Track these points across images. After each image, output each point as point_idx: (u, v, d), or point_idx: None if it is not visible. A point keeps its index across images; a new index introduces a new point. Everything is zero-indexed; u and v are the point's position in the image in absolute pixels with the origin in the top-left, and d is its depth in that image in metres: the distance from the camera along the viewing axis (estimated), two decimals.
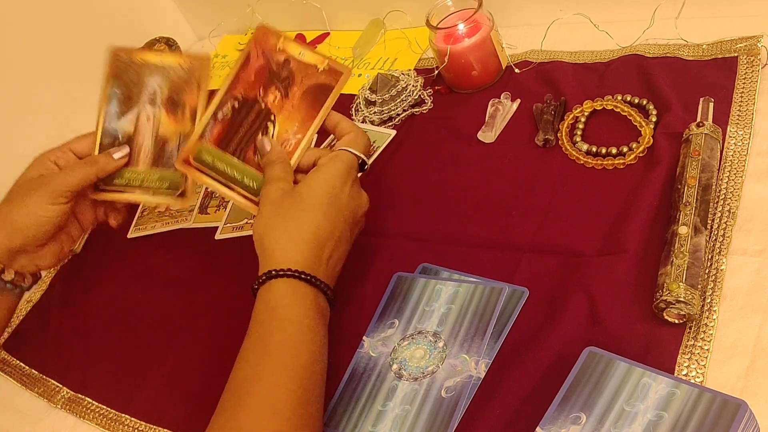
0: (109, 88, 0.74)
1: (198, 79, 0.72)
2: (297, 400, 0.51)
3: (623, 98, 0.71)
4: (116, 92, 0.74)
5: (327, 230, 0.59)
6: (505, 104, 0.77)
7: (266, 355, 0.53)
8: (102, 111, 0.74)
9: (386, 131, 0.82)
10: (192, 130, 0.69)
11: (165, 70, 0.73)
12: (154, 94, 0.73)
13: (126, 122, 0.73)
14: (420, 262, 0.66)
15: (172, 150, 0.71)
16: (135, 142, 0.72)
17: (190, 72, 0.72)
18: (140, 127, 0.72)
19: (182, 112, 0.71)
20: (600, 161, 0.66)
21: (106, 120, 0.73)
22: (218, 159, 0.66)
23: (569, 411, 0.46)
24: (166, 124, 0.72)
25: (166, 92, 0.72)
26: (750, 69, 0.68)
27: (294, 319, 0.55)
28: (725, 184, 0.60)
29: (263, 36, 0.67)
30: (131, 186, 0.72)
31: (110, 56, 0.76)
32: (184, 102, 0.71)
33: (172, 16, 1.21)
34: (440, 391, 0.55)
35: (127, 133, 0.72)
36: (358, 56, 0.97)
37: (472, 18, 0.77)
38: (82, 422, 0.70)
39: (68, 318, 0.82)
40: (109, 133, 0.73)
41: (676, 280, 0.52)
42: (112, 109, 0.73)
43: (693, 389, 0.44)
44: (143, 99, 0.73)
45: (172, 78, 0.72)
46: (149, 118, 0.72)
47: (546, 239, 0.63)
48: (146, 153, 0.72)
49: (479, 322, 0.58)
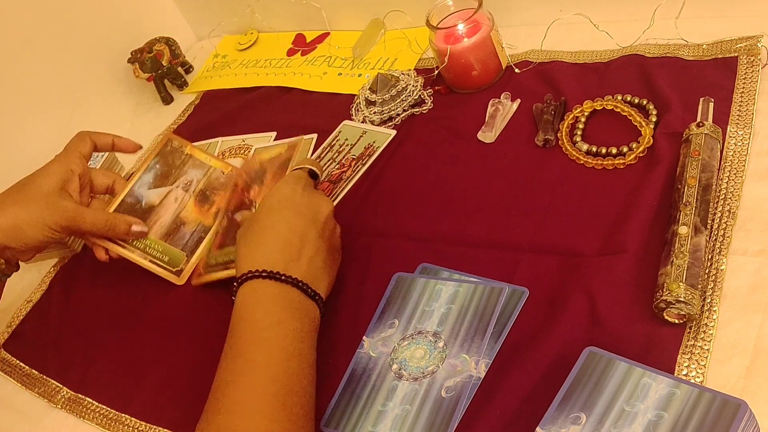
0: (151, 160, 0.81)
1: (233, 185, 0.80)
2: (273, 395, 0.52)
3: (623, 98, 0.71)
4: (157, 167, 0.80)
5: (285, 230, 0.61)
6: (505, 104, 0.77)
7: (239, 356, 0.55)
8: (137, 175, 0.80)
9: (386, 131, 0.82)
10: (212, 224, 0.78)
11: (208, 168, 0.81)
12: (189, 183, 0.80)
13: (154, 194, 0.79)
14: (420, 262, 0.66)
15: (186, 233, 0.77)
16: (155, 213, 0.78)
17: (229, 179, 0.80)
18: (165, 203, 0.78)
19: (209, 207, 0.79)
20: (600, 161, 0.66)
21: (137, 184, 0.79)
22: (222, 255, 0.73)
23: (569, 411, 0.46)
24: (191, 210, 0.79)
25: (201, 186, 0.80)
26: (750, 69, 0.68)
27: (259, 317, 0.57)
28: (725, 184, 0.60)
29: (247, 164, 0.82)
30: (134, 246, 0.77)
31: (164, 138, 0.83)
32: (214, 200, 0.79)
33: (172, 16, 1.21)
34: (440, 391, 0.55)
35: (151, 203, 0.78)
36: (358, 56, 0.97)
37: (472, 18, 0.77)
38: (82, 422, 0.70)
39: (68, 318, 0.82)
40: (135, 195, 0.78)
41: (676, 280, 0.52)
42: (147, 178, 0.79)
43: (693, 389, 0.44)
44: (179, 183, 0.80)
45: (210, 177, 0.81)
46: (177, 200, 0.79)
47: (546, 239, 0.63)
48: (161, 225, 0.78)
49: (479, 322, 0.58)
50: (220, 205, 0.79)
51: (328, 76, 0.97)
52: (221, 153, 0.93)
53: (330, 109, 0.91)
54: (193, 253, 0.77)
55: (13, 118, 1.00)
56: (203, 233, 0.78)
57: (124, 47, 1.10)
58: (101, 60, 1.11)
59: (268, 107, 0.98)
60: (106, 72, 1.11)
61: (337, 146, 0.84)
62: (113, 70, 1.12)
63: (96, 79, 1.11)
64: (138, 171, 0.80)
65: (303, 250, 0.61)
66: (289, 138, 0.83)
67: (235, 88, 1.05)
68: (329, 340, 0.64)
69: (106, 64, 1.11)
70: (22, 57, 1.00)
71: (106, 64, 1.11)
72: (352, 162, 0.81)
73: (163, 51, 1.08)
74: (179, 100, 1.12)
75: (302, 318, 0.58)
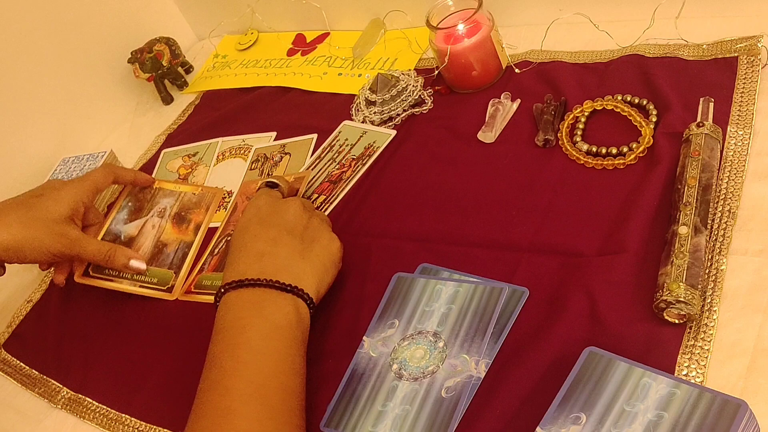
0: (123, 200, 0.85)
1: (208, 204, 0.84)
2: (250, 396, 0.53)
3: (623, 98, 0.71)
4: (129, 205, 0.84)
5: (254, 242, 0.63)
6: (505, 104, 0.77)
7: (214, 365, 0.56)
8: (112, 215, 0.84)
9: (387, 131, 0.82)
10: (193, 240, 0.80)
11: (179, 194, 0.85)
12: (163, 210, 0.83)
13: (131, 227, 0.82)
14: (420, 262, 0.66)
15: (170, 253, 0.79)
16: (135, 242, 0.81)
17: (201, 197, 0.85)
18: (144, 231, 0.82)
19: (187, 226, 0.82)
20: (600, 161, 0.66)
21: (112, 223, 0.83)
22: (216, 279, 0.75)
23: (569, 411, 0.46)
24: (170, 232, 0.82)
25: (175, 210, 0.84)
26: (750, 69, 0.67)
27: (227, 324, 0.58)
28: (725, 184, 0.60)
29: (245, 187, 0.84)
30: (121, 277, 0.79)
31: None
32: (191, 219, 0.83)
33: (172, 17, 1.21)
34: (440, 391, 0.55)
35: (129, 235, 0.82)
36: (358, 56, 0.97)
37: (472, 18, 0.77)
38: (82, 422, 0.70)
39: (69, 318, 0.82)
40: (113, 233, 0.82)
41: (676, 280, 0.52)
42: (121, 217, 0.83)
43: (693, 389, 0.44)
44: (153, 212, 0.83)
45: (183, 200, 0.85)
46: (154, 227, 0.82)
47: (546, 239, 0.63)
48: (143, 252, 0.80)
49: (479, 322, 0.58)
50: (198, 221, 0.82)
51: (329, 76, 0.97)
52: (221, 153, 0.93)
53: (330, 110, 0.91)
54: (180, 268, 0.78)
55: (13, 118, 1.00)
56: (186, 249, 0.80)
57: (124, 47, 1.10)
58: (101, 60, 1.11)
59: (269, 107, 0.98)
60: (106, 72, 1.11)
61: (337, 146, 0.84)
62: (113, 70, 1.12)
63: (96, 79, 1.11)
64: (111, 212, 0.84)
65: (276, 253, 0.62)
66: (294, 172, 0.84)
67: (236, 88, 1.05)
68: (329, 340, 0.64)
69: (106, 64, 1.11)
70: (22, 57, 1.00)
71: (106, 64, 1.11)
72: (352, 162, 0.81)
73: (163, 51, 1.08)
74: (179, 100, 1.12)
75: (274, 315, 0.58)
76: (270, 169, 0.86)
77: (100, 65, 1.11)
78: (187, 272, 0.78)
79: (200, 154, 0.95)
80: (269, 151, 0.89)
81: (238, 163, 0.90)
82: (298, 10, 1.04)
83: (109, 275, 0.79)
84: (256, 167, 0.88)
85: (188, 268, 0.78)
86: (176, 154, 0.98)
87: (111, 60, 1.11)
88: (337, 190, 0.79)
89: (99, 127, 1.12)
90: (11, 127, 1.00)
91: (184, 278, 0.77)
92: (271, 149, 0.89)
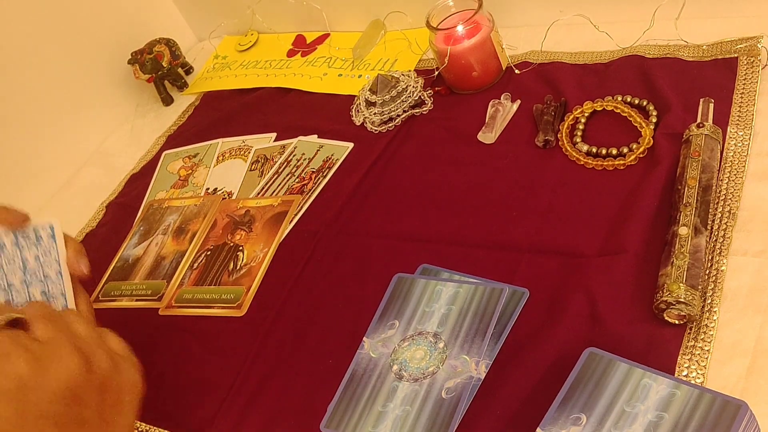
0: (136, 227, 0.88)
1: (206, 212, 0.84)
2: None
3: (623, 99, 0.71)
4: (141, 230, 0.87)
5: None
6: (505, 105, 0.77)
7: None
8: (126, 242, 0.86)
9: (344, 144, 0.84)
10: (188, 248, 0.80)
11: (183, 208, 0.87)
12: (167, 228, 0.85)
13: (139, 249, 0.84)
14: (420, 263, 0.66)
15: (166, 264, 0.80)
16: (140, 262, 0.82)
17: (200, 207, 0.85)
18: (149, 251, 0.83)
19: (184, 237, 0.82)
20: (600, 162, 0.66)
21: (125, 249, 0.85)
22: (197, 293, 0.75)
23: (570, 412, 0.46)
24: (169, 245, 0.82)
25: (178, 224, 0.85)
26: (750, 70, 0.68)
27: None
28: (725, 185, 0.60)
29: (225, 204, 0.84)
30: (120, 295, 0.80)
31: (145, 205, 0.91)
32: (188, 229, 0.83)
33: (172, 17, 1.21)
34: (441, 392, 0.55)
35: (136, 257, 0.83)
36: (359, 57, 0.97)
37: (473, 19, 0.77)
38: None
39: None
40: (123, 258, 0.84)
41: (676, 280, 0.52)
42: (133, 242, 0.86)
43: (693, 390, 0.44)
44: (158, 231, 0.85)
45: (185, 213, 0.86)
46: (157, 244, 0.83)
47: (546, 240, 0.63)
48: (144, 269, 0.81)
49: (480, 322, 0.58)
50: (194, 230, 0.82)
51: (328, 77, 0.97)
52: (221, 154, 0.93)
53: (330, 111, 0.91)
54: (172, 277, 0.78)
55: (14, 120, 1.00)
56: (180, 258, 0.80)
57: (124, 48, 1.10)
58: (101, 61, 1.11)
59: (268, 108, 0.98)
60: (106, 73, 1.11)
61: (294, 161, 0.85)
62: (113, 72, 1.12)
63: (96, 80, 1.11)
64: (128, 238, 0.86)
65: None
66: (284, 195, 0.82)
67: (235, 89, 1.05)
68: (329, 341, 0.64)
69: (106, 66, 1.11)
70: (22, 58, 1.00)
71: (106, 65, 1.11)
72: (312, 175, 0.82)
73: (163, 52, 1.08)
74: (179, 101, 1.12)
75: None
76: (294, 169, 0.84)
77: (100, 66, 1.11)
78: (178, 280, 0.78)
79: (200, 155, 0.96)
80: (269, 151, 0.89)
81: (238, 164, 0.90)
82: (298, 11, 1.04)
83: (113, 296, 0.80)
84: (256, 168, 0.88)
85: (179, 277, 0.78)
86: (177, 155, 0.98)
87: (111, 61, 1.11)
88: (301, 202, 0.79)
89: (99, 128, 1.12)
90: (11, 129, 1.00)
91: (174, 286, 0.77)
92: (271, 150, 0.89)
